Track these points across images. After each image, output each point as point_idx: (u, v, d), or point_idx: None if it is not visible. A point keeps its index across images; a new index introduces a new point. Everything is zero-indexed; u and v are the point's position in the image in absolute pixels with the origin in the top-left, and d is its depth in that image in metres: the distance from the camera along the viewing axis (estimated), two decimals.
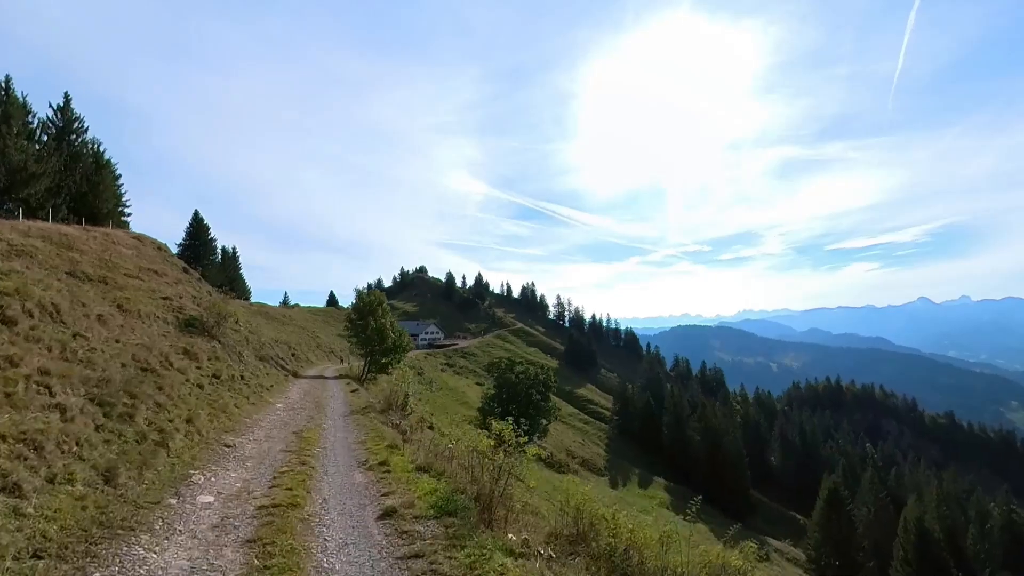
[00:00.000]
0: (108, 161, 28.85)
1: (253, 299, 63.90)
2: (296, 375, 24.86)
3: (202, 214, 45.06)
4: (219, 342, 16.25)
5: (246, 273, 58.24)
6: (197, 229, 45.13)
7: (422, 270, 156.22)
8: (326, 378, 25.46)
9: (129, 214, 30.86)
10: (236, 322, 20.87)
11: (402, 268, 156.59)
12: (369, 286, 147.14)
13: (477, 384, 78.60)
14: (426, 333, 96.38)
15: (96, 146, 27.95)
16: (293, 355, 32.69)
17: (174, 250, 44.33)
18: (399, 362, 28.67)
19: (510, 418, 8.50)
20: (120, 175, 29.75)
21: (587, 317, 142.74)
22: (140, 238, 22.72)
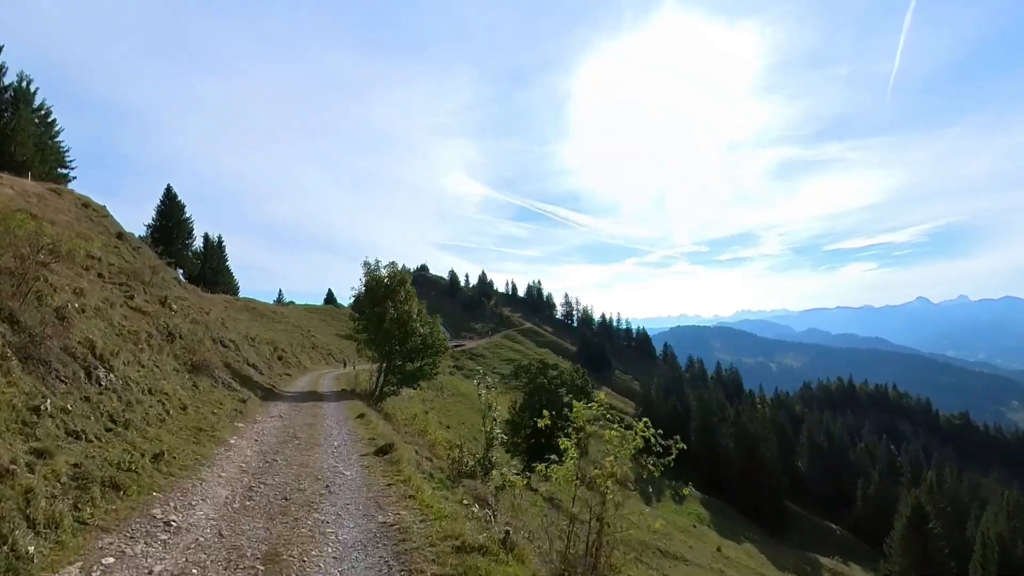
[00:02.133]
0: (42, 105, 22.09)
1: (245, 296, 56.94)
2: (272, 393, 16.55)
3: (175, 189, 38.04)
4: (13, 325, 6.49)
5: (244, 274, 51.39)
6: (169, 208, 38.10)
7: (423, 268, 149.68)
8: (321, 397, 17.33)
9: (73, 177, 24.05)
10: (162, 295, 13.11)
11: (404, 265, 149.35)
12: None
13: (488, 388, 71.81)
14: None
15: (25, 82, 21.24)
16: (279, 358, 26.11)
17: (140, 231, 37.30)
18: (434, 369, 21.09)
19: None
20: (58, 124, 22.94)
21: (596, 316, 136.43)
22: (59, 190, 16.09)
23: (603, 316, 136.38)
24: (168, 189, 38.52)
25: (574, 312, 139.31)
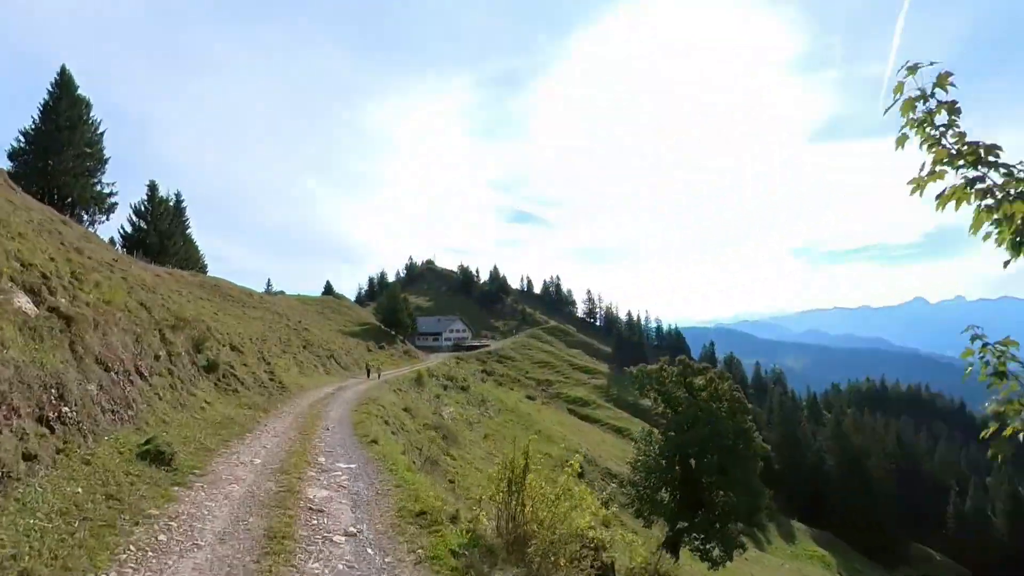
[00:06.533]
0: None
1: (220, 280, 42.12)
2: None
3: (71, 70, 23.34)
4: None
5: (239, 276, 36.88)
6: (57, 101, 23.23)
7: (430, 262, 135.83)
8: None
9: None
10: None
11: (410, 258, 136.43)
12: (371, 280, 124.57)
13: (528, 398, 57.67)
14: (451, 331, 75.78)
15: None
16: (225, 375, 11.96)
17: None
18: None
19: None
20: None
21: (622, 315, 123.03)
22: None
23: (629, 314, 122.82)
24: (62, 71, 23.88)
25: (597, 310, 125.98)
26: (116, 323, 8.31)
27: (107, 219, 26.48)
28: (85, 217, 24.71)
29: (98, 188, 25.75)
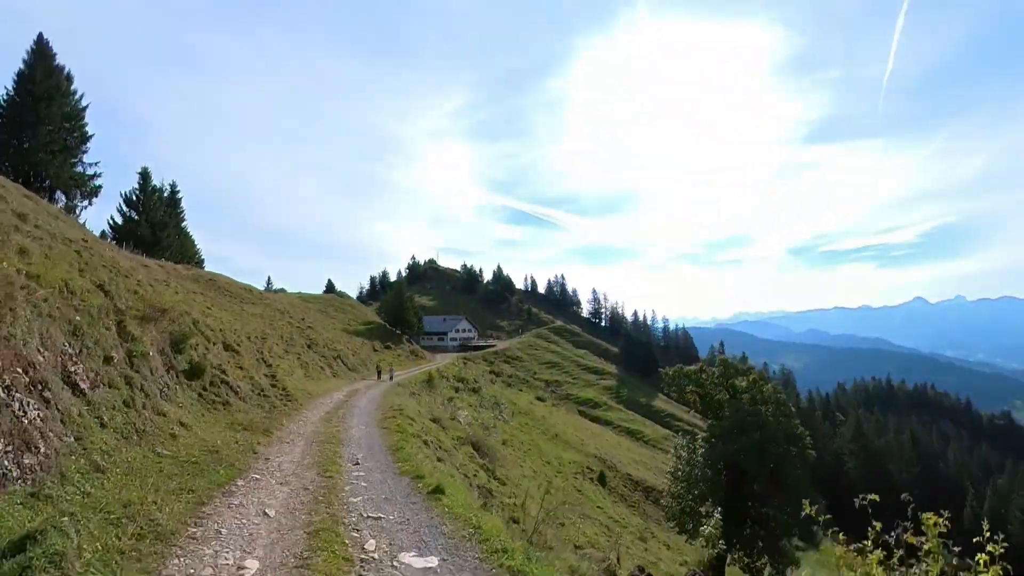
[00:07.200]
0: None
1: (217, 275, 39.85)
2: None
3: (47, 38, 21.56)
4: None
5: (239, 278, 33.98)
6: (33, 68, 21.35)
7: (432, 262, 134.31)
8: None
9: None
10: None
11: (413, 257, 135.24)
12: (372, 280, 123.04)
13: (538, 399, 55.62)
14: (456, 331, 73.97)
15: None
16: (208, 384, 9.53)
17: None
18: None
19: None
20: None
21: (628, 315, 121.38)
22: None
23: (635, 314, 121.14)
24: (39, 38, 22.06)
25: (602, 310, 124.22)
26: (34, 306, 5.47)
27: (89, 203, 24.46)
28: (71, 205, 22.58)
29: (78, 169, 23.55)
